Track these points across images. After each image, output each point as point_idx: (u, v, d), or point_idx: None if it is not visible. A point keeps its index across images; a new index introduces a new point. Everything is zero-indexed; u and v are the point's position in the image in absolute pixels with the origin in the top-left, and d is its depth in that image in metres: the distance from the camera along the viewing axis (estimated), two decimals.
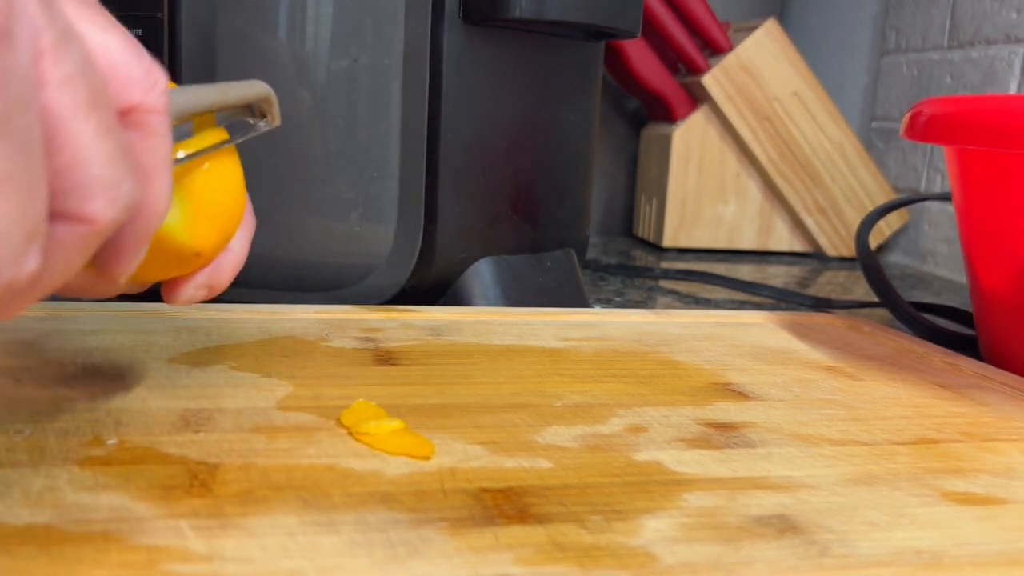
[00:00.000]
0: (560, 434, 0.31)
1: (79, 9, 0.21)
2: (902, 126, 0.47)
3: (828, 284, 0.80)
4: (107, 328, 0.40)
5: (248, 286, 0.51)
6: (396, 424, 0.30)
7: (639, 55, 0.90)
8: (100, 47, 0.21)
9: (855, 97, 1.03)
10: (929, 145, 0.90)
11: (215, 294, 0.30)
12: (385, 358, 0.39)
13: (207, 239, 0.29)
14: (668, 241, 0.92)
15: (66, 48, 0.19)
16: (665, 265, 0.85)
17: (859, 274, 0.85)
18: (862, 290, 0.76)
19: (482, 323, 0.46)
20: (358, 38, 0.49)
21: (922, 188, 0.92)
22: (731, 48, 0.88)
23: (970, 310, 0.58)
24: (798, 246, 0.94)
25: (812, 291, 0.75)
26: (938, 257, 0.89)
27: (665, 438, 0.31)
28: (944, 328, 0.56)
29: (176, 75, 0.48)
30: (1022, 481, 0.29)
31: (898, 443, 0.32)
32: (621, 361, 0.41)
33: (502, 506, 0.25)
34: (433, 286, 0.52)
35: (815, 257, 0.94)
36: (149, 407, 0.31)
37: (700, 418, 0.34)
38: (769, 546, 0.24)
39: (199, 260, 0.29)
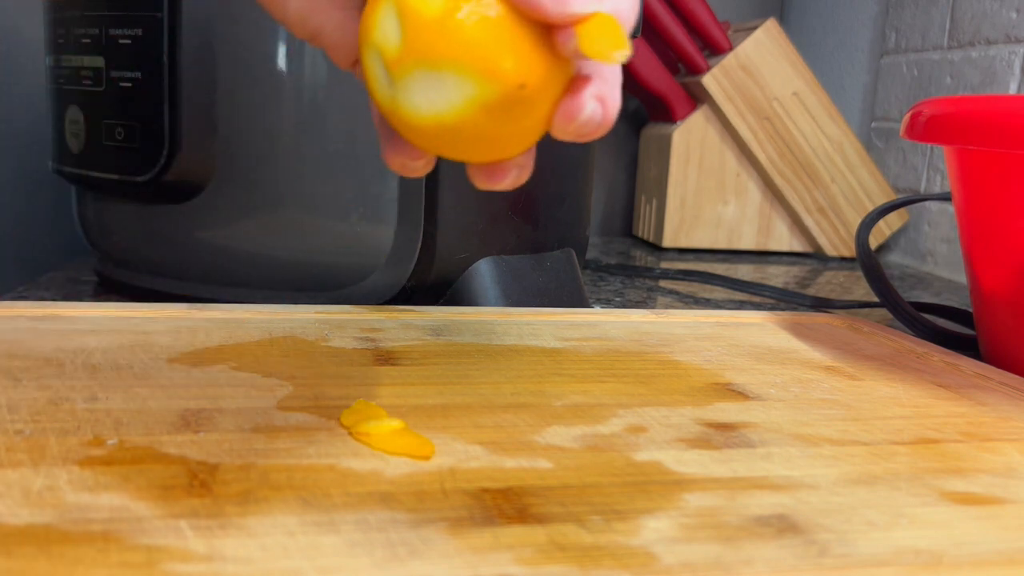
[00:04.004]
0: (560, 434, 0.31)
1: None
2: (902, 126, 0.47)
3: (828, 284, 0.80)
4: (107, 328, 0.40)
5: (248, 286, 0.51)
6: (396, 424, 0.30)
7: (639, 55, 0.90)
8: None
9: (855, 97, 1.03)
10: (929, 145, 0.90)
11: (612, 114, 0.26)
12: (385, 358, 0.39)
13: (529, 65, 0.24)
14: (668, 241, 0.92)
15: None
16: (665, 265, 0.85)
17: (859, 274, 0.85)
18: (862, 290, 0.76)
19: (482, 323, 0.46)
20: None
21: (922, 188, 0.92)
22: (731, 48, 0.88)
23: (970, 310, 0.58)
24: (798, 246, 0.94)
25: (812, 291, 0.75)
26: (938, 257, 0.89)
27: (665, 438, 0.31)
28: (944, 328, 0.56)
29: (176, 75, 0.48)
30: (1021, 481, 0.29)
31: (898, 443, 0.32)
32: (621, 361, 0.41)
33: (502, 506, 0.25)
34: (433, 286, 0.52)
35: (815, 257, 0.94)
36: (149, 407, 0.31)
37: (700, 418, 0.34)
38: (769, 546, 0.24)
39: (525, 94, 0.25)
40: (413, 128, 0.26)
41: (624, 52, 0.23)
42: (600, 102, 0.26)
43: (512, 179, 0.28)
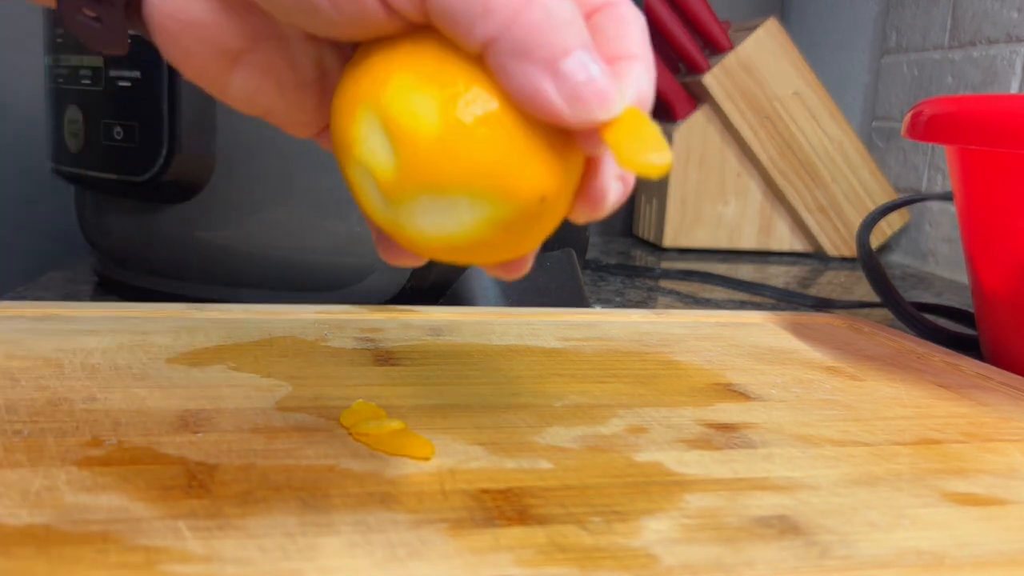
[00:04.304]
0: (560, 435, 0.31)
1: None
2: (903, 126, 0.47)
3: (829, 284, 0.80)
4: (106, 328, 0.40)
5: (247, 286, 0.51)
6: (395, 425, 0.30)
7: None
8: None
9: (856, 97, 1.03)
10: (930, 144, 0.90)
11: (631, 184, 0.24)
12: (385, 358, 0.39)
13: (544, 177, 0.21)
14: (668, 241, 0.92)
15: None
16: (665, 265, 0.85)
17: (860, 274, 0.85)
18: (863, 290, 0.76)
19: (482, 323, 0.46)
20: None
21: (923, 188, 0.91)
22: (731, 47, 0.88)
23: (971, 310, 0.58)
24: (799, 246, 0.94)
25: (813, 291, 0.75)
26: (939, 257, 0.89)
27: (666, 439, 0.31)
28: (945, 328, 0.56)
29: (175, 75, 0.47)
30: (1023, 481, 0.29)
31: (899, 444, 0.32)
32: (621, 361, 0.41)
33: (502, 507, 0.25)
34: (433, 286, 0.52)
35: (816, 257, 0.94)
36: (148, 407, 0.31)
37: (701, 419, 0.33)
38: (770, 547, 0.23)
39: (546, 207, 0.22)
40: (419, 246, 0.22)
41: (665, 156, 0.20)
42: (621, 179, 0.23)
43: (529, 266, 0.26)
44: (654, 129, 0.21)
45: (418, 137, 0.20)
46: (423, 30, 0.21)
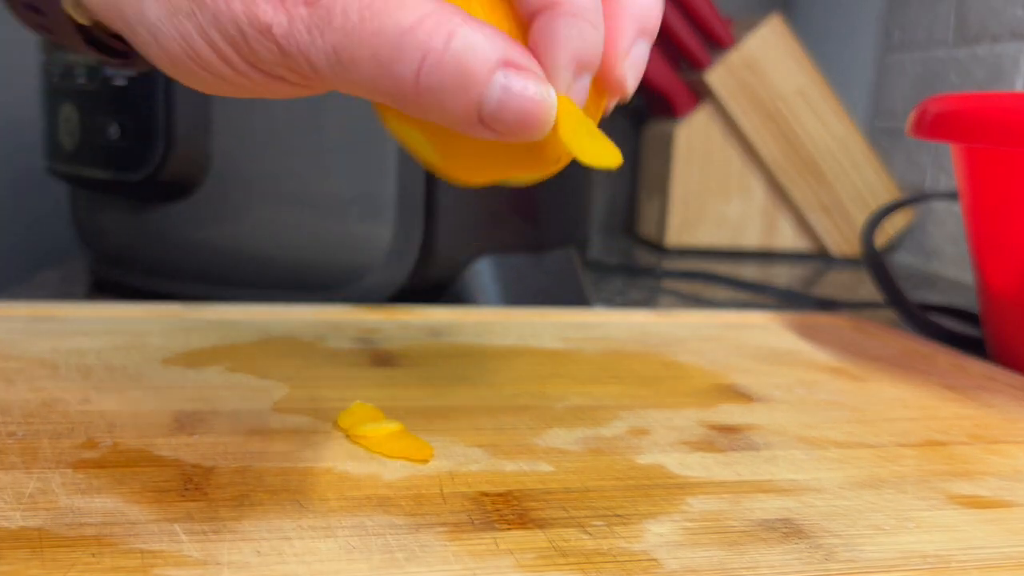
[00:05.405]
0: (561, 437, 0.31)
1: None
2: (908, 124, 0.47)
3: (833, 284, 0.79)
4: (100, 328, 0.40)
5: (244, 286, 0.51)
6: (394, 426, 0.30)
7: None
8: None
9: (860, 95, 1.02)
10: (935, 143, 0.89)
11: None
12: (383, 359, 0.38)
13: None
14: (671, 240, 0.92)
15: None
16: (668, 265, 0.84)
17: (864, 274, 0.84)
18: (867, 290, 0.76)
19: (482, 324, 0.46)
20: None
21: (928, 187, 0.91)
22: (733, 43, 0.88)
23: (976, 311, 0.57)
24: (803, 245, 0.94)
25: (817, 291, 0.75)
26: (944, 257, 0.89)
27: (668, 441, 0.31)
28: (951, 329, 0.56)
29: None
30: None
31: (904, 445, 0.32)
32: (623, 362, 0.41)
33: (502, 510, 0.24)
34: (433, 286, 0.52)
35: (820, 257, 0.94)
36: (143, 409, 0.30)
37: (704, 420, 0.33)
38: (774, 551, 0.23)
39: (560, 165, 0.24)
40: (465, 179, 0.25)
41: (615, 151, 0.21)
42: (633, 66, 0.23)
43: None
44: (590, 123, 0.22)
45: (432, 160, 0.24)
46: None
